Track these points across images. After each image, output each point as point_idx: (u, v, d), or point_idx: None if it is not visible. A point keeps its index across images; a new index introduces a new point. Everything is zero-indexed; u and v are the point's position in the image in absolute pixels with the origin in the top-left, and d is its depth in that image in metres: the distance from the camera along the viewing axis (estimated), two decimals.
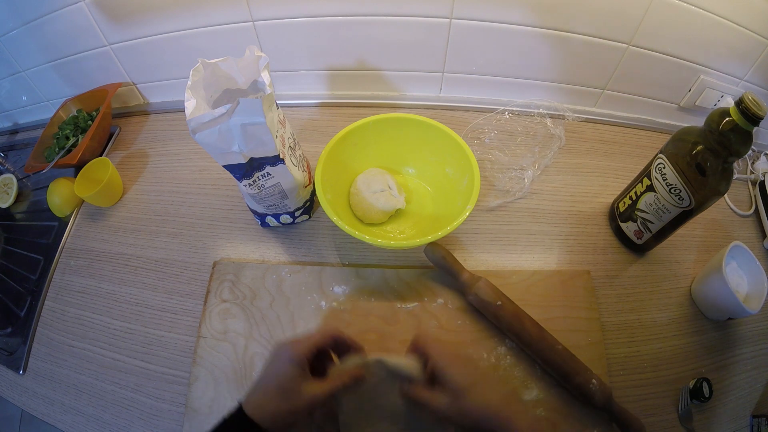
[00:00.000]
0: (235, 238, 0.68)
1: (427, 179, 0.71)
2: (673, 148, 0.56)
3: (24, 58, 0.82)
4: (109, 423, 0.56)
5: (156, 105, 0.88)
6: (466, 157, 0.61)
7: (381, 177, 0.67)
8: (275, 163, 0.54)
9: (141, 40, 0.76)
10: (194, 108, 0.48)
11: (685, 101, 0.78)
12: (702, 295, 0.63)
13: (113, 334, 0.62)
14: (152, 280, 0.66)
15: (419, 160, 0.70)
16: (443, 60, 0.77)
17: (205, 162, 0.77)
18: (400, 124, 0.67)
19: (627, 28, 0.69)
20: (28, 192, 0.83)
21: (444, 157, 0.66)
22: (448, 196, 0.66)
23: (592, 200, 0.72)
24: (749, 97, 0.47)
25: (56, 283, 0.68)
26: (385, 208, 0.64)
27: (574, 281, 0.63)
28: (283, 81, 0.83)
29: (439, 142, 0.65)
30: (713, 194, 0.54)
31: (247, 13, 0.71)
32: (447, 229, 0.55)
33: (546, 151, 0.77)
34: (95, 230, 0.72)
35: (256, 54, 0.53)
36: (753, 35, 0.66)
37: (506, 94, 0.82)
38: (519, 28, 0.70)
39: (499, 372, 0.56)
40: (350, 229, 0.56)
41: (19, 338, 0.64)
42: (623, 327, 0.61)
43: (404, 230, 0.67)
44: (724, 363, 0.60)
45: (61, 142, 0.81)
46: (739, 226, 0.73)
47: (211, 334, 0.59)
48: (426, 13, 0.70)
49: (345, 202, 0.67)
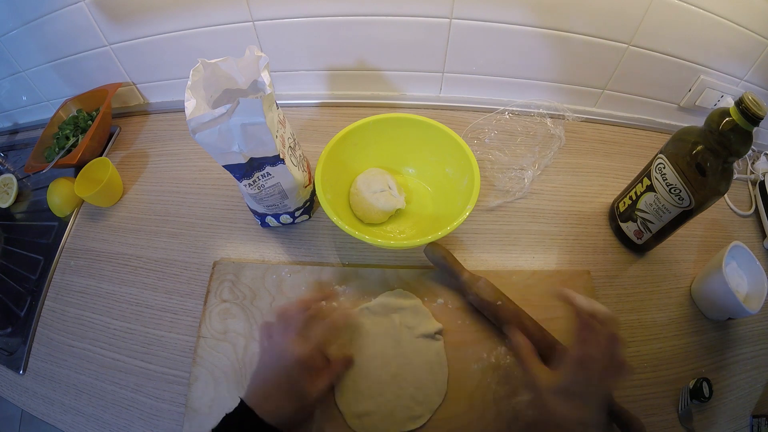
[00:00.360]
0: (235, 238, 0.68)
1: (427, 179, 0.71)
2: (673, 148, 0.56)
3: (24, 58, 0.82)
4: (109, 423, 0.56)
5: (156, 105, 0.88)
6: (466, 157, 0.61)
7: (381, 177, 0.67)
8: (275, 163, 0.54)
9: (141, 40, 0.76)
10: (194, 108, 0.48)
11: (685, 101, 0.78)
12: (702, 295, 0.63)
13: (113, 334, 0.62)
14: (152, 280, 0.66)
15: (419, 160, 0.70)
16: (443, 60, 0.77)
17: (205, 162, 0.77)
18: (400, 124, 0.67)
19: (627, 28, 0.69)
20: (28, 192, 0.83)
21: (444, 157, 0.66)
22: (448, 196, 0.66)
23: (592, 200, 0.72)
24: (749, 97, 0.47)
25: (56, 283, 0.68)
26: (385, 208, 0.64)
27: (574, 281, 0.63)
28: (283, 81, 0.83)
29: (439, 141, 0.65)
30: (713, 194, 0.54)
31: (247, 13, 0.71)
32: (447, 229, 0.55)
33: (546, 151, 0.77)
34: (95, 230, 0.72)
35: (256, 54, 0.53)
36: (753, 35, 0.66)
37: (506, 94, 0.82)
38: (519, 28, 0.70)
39: (499, 372, 0.56)
40: (350, 229, 0.56)
41: (19, 338, 0.64)
42: (623, 327, 0.61)
43: (404, 230, 0.67)
44: (724, 363, 0.60)
45: (61, 142, 0.81)
46: (739, 226, 0.73)
47: (211, 334, 0.59)
48: (426, 13, 0.70)
49: (345, 202, 0.67)
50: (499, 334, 0.58)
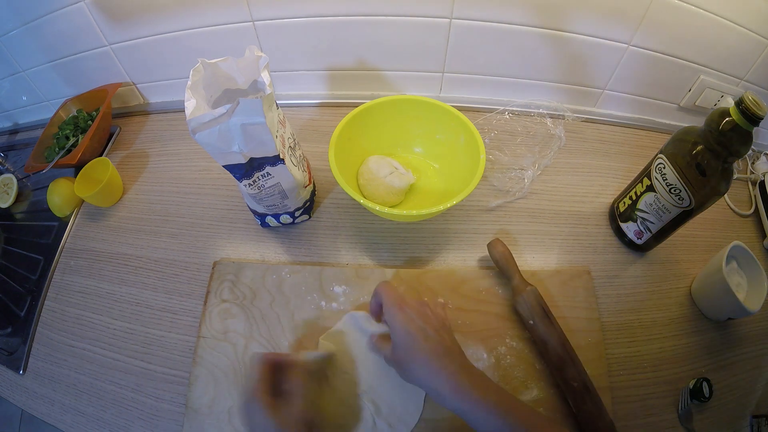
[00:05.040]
0: (235, 238, 0.68)
1: (433, 157, 0.73)
2: (673, 148, 0.56)
3: (24, 58, 0.82)
4: (109, 423, 0.56)
5: (156, 105, 0.88)
6: (459, 120, 0.65)
7: (383, 161, 0.68)
8: (275, 163, 0.54)
9: (141, 40, 0.76)
10: (194, 108, 0.48)
11: (685, 101, 0.78)
12: (702, 295, 0.63)
13: (113, 334, 0.62)
14: (152, 280, 0.66)
15: (422, 140, 0.73)
16: (443, 60, 0.77)
17: (205, 162, 0.77)
18: (401, 107, 0.69)
19: (627, 28, 0.69)
20: (28, 192, 0.83)
21: (435, 127, 0.70)
22: (455, 171, 0.68)
23: (592, 200, 0.72)
24: (749, 97, 0.47)
25: (56, 283, 0.68)
26: (401, 185, 0.66)
27: (574, 281, 0.63)
28: (283, 81, 0.83)
29: (441, 119, 0.68)
30: (713, 194, 0.54)
31: (247, 13, 0.71)
32: (462, 194, 0.57)
33: (546, 151, 0.77)
34: (95, 230, 0.72)
35: (256, 54, 0.53)
36: (753, 35, 0.66)
37: (506, 94, 0.82)
38: (519, 28, 0.70)
39: (499, 372, 0.56)
40: (376, 206, 0.58)
41: (19, 338, 0.64)
42: (623, 327, 0.61)
43: (415, 208, 0.67)
44: (724, 363, 0.60)
45: (61, 142, 0.81)
46: (739, 226, 0.73)
47: (211, 334, 0.59)
48: (426, 13, 0.70)
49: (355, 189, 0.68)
50: (500, 334, 0.58)
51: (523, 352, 0.57)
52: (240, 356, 0.57)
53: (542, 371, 0.56)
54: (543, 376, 0.55)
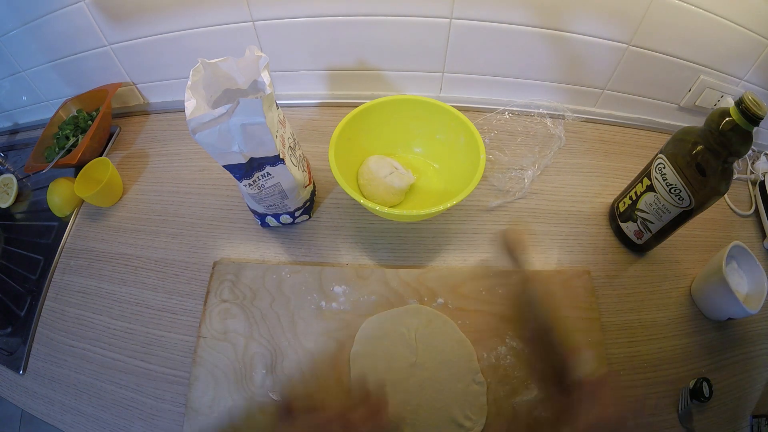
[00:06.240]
0: (235, 238, 0.68)
1: (432, 157, 0.73)
2: (673, 148, 0.56)
3: (24, 58, 0.82)
4: (109, 423, 0.56)
5: (156, 105, 0.88)
6: (471, 132, 0.64)
7: (383, 161, 0.68)
8: (275, 163, 0.54)
9: (141, 40, 0.76)
10: (194, 108, 0.48)
11: (685, 101, 0.78)
12: (702, 295, 0.63)
13: (113, 334, 0.62)
14: (152, 280, 0.66)
15: (422, 140, 0.73)
16: (443, 60, 0.77)
17: (205, 162, 0.77)
18: (400, 107, 0.69)
19: (627, 28, 0.69)
20: (28, 192, 0.83)
21: (435, 127, 0.70)
22: (455, 172, 0.68)
23: (592, 200, 0.72)
24: (749, 97, 0.47)
25: (56, 283, 0.68)
26: (402, 185, 0.66)
27: (574, 281, 0.63)
28: (283, 81, 0.83)
29: (441, 119, 0.68)
30: (713, 194, 0.54)
31: (247, 13, 0.71)
32: (463, 194, 0.58)
33: (546, 151, 0.77)
34: (95, 230, 0.72)
35: (256, 54, 0.53)
36: (753, 35, 0.66)
37: (506, 94, 0.82)
38: (519, 28, 0.70)
39: (499, 371, 0.55)
40: (373, 204, 0.58)
41: (19, 338, 0.64)
42: (623, 327, 0.61)
43: (416, 208, 0.67)
44: (724, 363, 0.60)
45: (61, 142, 0.81)
46: (739, 226, 0.73)
47: (211, 334, 0.59)
48: (426, 13, 0.70)
49: (355, 190, 0.68)
50: (500, 334, 0.58)
51: (523, 352, 0.57)
52: (240, 356, 0.57)
53: (542, 371, 0.55)
54: (543, 376, 0.55)
